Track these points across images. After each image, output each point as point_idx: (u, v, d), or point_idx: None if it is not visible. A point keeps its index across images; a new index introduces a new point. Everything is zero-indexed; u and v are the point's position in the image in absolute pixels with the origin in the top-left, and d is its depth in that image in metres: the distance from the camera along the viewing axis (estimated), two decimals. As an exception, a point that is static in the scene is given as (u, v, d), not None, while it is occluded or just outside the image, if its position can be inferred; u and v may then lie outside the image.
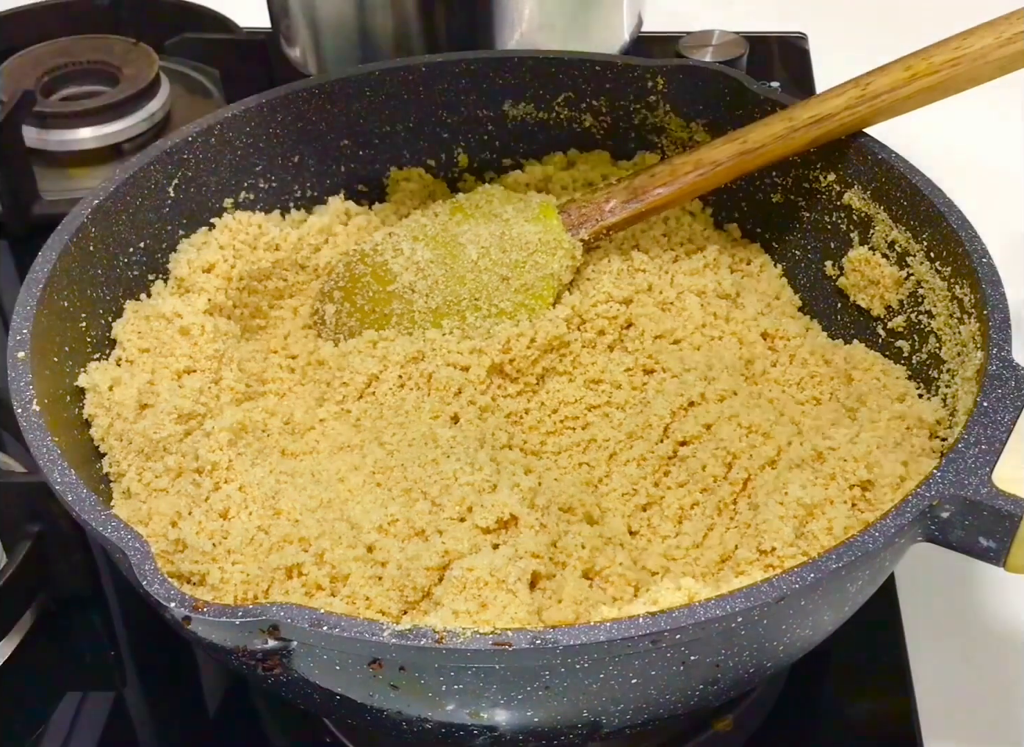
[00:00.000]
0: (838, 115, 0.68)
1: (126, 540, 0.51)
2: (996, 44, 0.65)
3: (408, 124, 0.79)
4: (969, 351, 0.60)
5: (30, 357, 0.59)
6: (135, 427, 0.63)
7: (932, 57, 0.66)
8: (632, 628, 0.47)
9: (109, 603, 0.70)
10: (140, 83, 0.97)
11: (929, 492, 0.52)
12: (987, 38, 0.65)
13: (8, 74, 0.98)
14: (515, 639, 0.47)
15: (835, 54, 1.09)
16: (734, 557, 0.58)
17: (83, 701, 0.66)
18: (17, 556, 0.66)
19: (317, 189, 0.78)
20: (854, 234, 0.72)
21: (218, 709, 0.67)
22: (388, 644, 0.47)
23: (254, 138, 0.75)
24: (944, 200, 0.65)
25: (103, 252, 0.68)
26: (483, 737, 0.53)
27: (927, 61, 0.67)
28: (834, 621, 0.56)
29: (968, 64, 0.65)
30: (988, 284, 0.60)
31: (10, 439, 0.77)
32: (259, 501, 0.60)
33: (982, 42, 0.65)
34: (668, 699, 0.53)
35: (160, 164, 0.71)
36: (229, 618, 0.48)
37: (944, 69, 0.66)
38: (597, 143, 0.80)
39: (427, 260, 0.71)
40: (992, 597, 0.70)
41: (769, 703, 0.65)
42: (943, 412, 0.61)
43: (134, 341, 0.67)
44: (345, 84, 0.77)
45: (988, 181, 0.93)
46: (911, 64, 0.67)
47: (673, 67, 0.77)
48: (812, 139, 0.69)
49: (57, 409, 0.61)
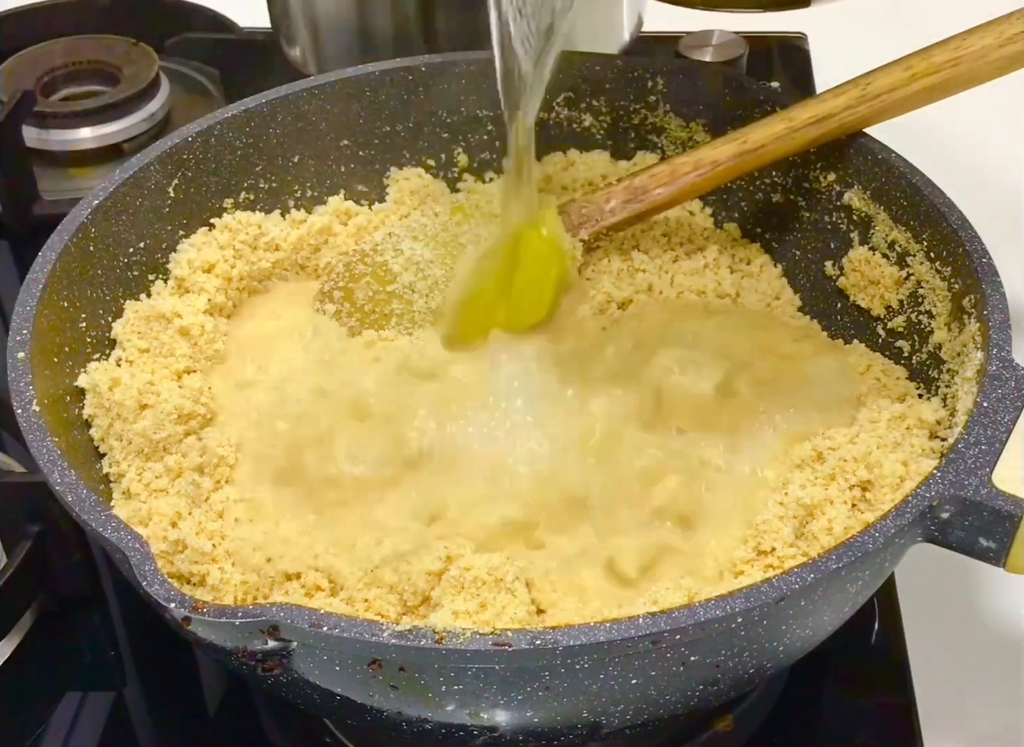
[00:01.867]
0: (838, 115, 0.68)
1: (126, 540, 0.51)
2: (996, 44, 0.65)
3: (408, 124, 0.79)
4: (969, 351, 0.60)
5: (30, 357, 0.59)
6: (135, 427, 0.63)
7: (933, 57, 0.66)
8: (632, 628, 0.47)
9: (109, 603, 0.70)
10: (140, 83, 0.97)
11: (929, 492, 0.52)
12: (987, 38, 0.65)
13: (8, 74, 0.98)
14: (515, 639, 0.47)
15: (835, 54, 1.09)
16: (734, 557, 0.58)
17: (83, 701, 0.66)
18: (17, 556, 0.66)
19: (317, 189, 0.78)
20: (854, 234, 0.72)
21: (218, 709, 0.67)
22: (388, 644, 0.47)
23: (254, 138, 0.75)
24: (944, 200, 0.65)
25: (103, 252, 0.68)
26: (483, 737, 0.53)
27: (927, 61, 0.66)
28: (834, 621, 0.56)
29: (968, 64, 0.65)
30: (988, 284, 0.60)
31: (10, 439, 0.77)
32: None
33: (982, 42, 0.65)
34: (668, 699, 0.53)
35: (160, 164, 0.71)
36: (229, 619, 0.48)
37: (945, 69, 0.66)
38: (597, 143, 0.80)
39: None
40: (992, 597, 0.70)
41: (769, 703, 0.65)
42: (943, 412, 0.61)
43: (134, 341, 0.67)
44: (345, 84, 0.77)
45: (988, 181, 0.93)
46: (911, 64, 0.67)
47: (673, 67, 0.77)
48: (812, 139, 0.69)
49: (57, 409, 0.61)
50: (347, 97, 0.77)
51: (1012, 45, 0.64)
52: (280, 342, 0.71)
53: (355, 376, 0.68)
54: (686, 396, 0.65)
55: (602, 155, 0.80)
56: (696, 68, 0.77)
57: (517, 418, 0.65)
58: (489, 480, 0.63)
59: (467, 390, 0.66)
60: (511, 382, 0.67)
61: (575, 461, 0.64)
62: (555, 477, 0.63)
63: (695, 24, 1.02)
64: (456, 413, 0.65)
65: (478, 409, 0.65)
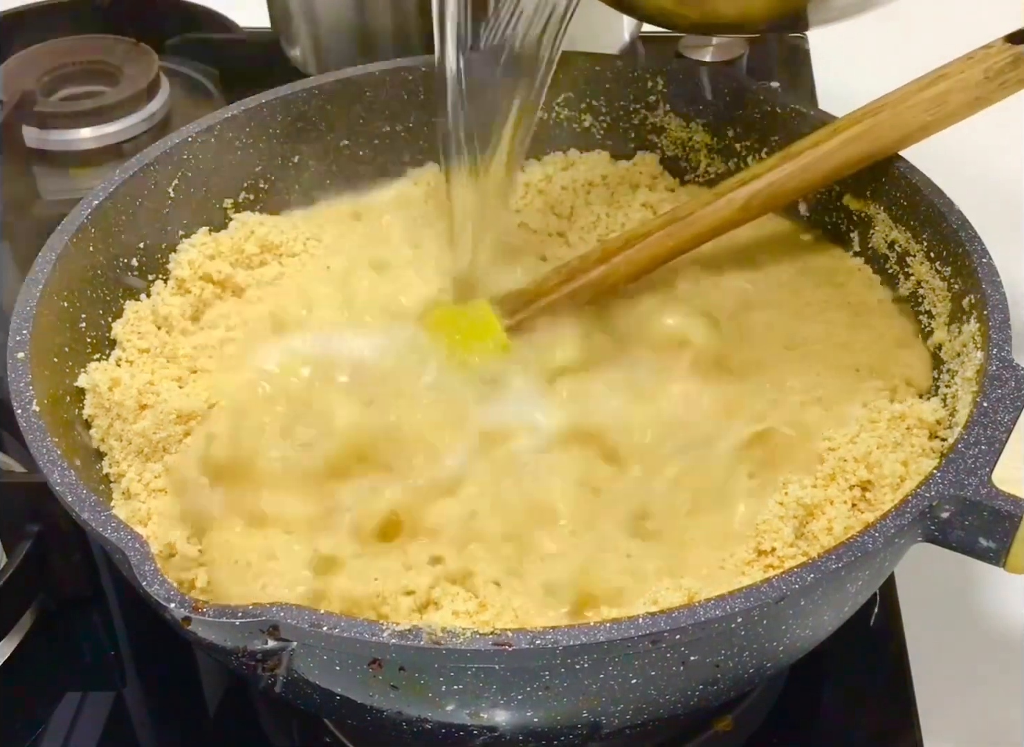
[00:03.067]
0: (764, 176, 0.67)
1: (126, 540, 0.51)
2: (917, 88, 0.65)
3: (408, 124, 0.79)
4: (969, 351, 0.60)
5: (30, 357, 0.59)
6: (135, 427, 0.63)
7: (855, 112, 0.67)
8: (632, 628, 0.47)
9: (109, 603, 0.70)
10: (140, 83, 0.97)
11: (929, 492, 0.52)
12: (908, 86, 0.65)
13: (8, 74, 0.98)
14: (515, 639, 0.47)
15: (835, 54, 1.09)
16: (734, 557, 0.58)
17: (83, 701, 0.66)
18: (17, 556, 0.66)
19: (317, 189, 0.78)
20: (854, 234, 0.72)
21: (218, 709, 0.67)
22: (388, 644, 0.47)
23: (254, 138, 0.75)
24: (944, 200, 0.65)
25: (103, 252, 0.68)
26: (483, 737, 0.53)
27: (849, 116, 0.67)
28: (834, 621, 0.56)
29: (890, 109, 0.65)
30: (988, 284, 0.60)
31: (10, 439, 0.77)
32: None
33: (903, 90, 0.65)
34: (668, 699, 0.53)
35: (160, 164, 0.71)
36: (229, 619, 0.48)
37: (866, 118, 0.66)
38: (597, 143, 0.80)
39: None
40: (992, 597, 0.70)
41: (769, 703, 0.65)
42: (943, 412, 0.61)
43: (134, 341, 0.67)
44: (345, 84, 0.77)
45: (988, 182, 0.93)
46: (837, 125, 0.67)
47: (673, 67, 0.77)
48: (740, 220, 0.68)
49: (57, 409, 0.61)
50: (347, 97, 0.77)
51: (932, 87, 0.64)
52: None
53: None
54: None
55: (602, 155, 0.80)
56: (696, 68, 0.77)
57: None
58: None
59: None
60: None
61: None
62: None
63: (695, 24, 1.02)
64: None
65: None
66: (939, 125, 0.65)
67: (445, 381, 0.66)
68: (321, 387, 0.65)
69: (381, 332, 0.69)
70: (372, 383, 0.65)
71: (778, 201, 0.69)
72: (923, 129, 0.66)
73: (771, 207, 0.69)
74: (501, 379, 0.66)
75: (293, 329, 0.69)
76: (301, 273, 0.73)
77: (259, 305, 0.71)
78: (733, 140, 0.76)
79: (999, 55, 0.64)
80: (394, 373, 0.66)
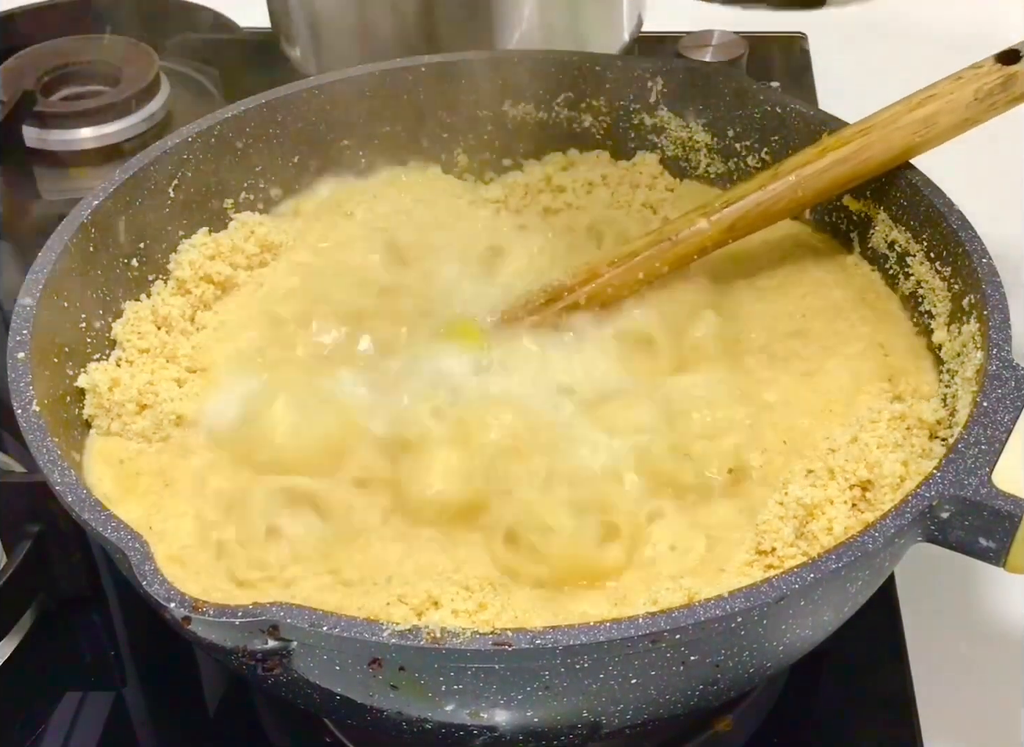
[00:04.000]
0: (752, 195, 0.67)
1: (126, 540, 0.51)
2: (906, 109, 0.65)
3: (408, 124, 0.79)
4: (969, 351, 0.60)
5: (30, 357, 0.59)
6: (135, 428, 0.63)
7: (844, 132, 0.67)
8: (632, 628, 0.47)
9: (109, 603, 0.70)
10: (140, 83, 0.97)
11: (929, 492, 0.52)
12: (897, 107, 0.66)
13: (8, 74, 0.98)
14: (515, 639, 0.47)
15: (835, 54, 1.09)
16: (734, 557, 0.58)
17: (83, 701, 0.67)
18: (17, 556, 0.66)
19: (317, 189, 0.78)
20: (854, 234, 0.72)
21: (218, 709, 0.67)
22: (388, 644, 0.47)
23: (254, 138, 0.75)
24: (944, 200, 0.65)
25: (103, 252, 0.68)
26: (483, 737, 0.53)
27: (839, 135, 0.67)
28: (834, 621, 0.56)
29: (879, 131, 0.66)
30: (988, 284, 0.60)
31: (10, 439, 0.77)
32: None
33: (892, 110, 0.66)
34: (668, 699, 0.53)
35: (160, 164, 0.71)
36: (229, 618, 0.48)
37: (855, 139, 0.66)
38: (597, 143, 0.80)
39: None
40: (992, 597, 0.70)
41: (769, 703, 0.65)
42: (943, 412, 0.61)
43: (134, 341, 0.67)
44: (345, 84, 0.77)
45: (988, 182, 0.93)
46: (826, 144, 0.67)
47: (673, 67, 0.77)
48: (729, 238, 0.68)
49: (57, 409, 0.61)
50: (347, 97, 0.77)
51: (921, 108, 0.65)
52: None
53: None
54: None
55: (602, 155, 0.80)
56: (696, 68, 0.77)
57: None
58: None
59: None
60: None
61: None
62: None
63: (695, 24, 1.02)
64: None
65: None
66: (928, 145, 0.66)
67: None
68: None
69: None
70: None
71: (766, 221, 0.69)
72: (912, 150, 0.66)
73: (758, 227, 0.69)
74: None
75: (293, 329, 0.69)
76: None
77: (259, 305, 0.71)
78: (733, 140, 0.77)
79: (989, 76, 0.64)
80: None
